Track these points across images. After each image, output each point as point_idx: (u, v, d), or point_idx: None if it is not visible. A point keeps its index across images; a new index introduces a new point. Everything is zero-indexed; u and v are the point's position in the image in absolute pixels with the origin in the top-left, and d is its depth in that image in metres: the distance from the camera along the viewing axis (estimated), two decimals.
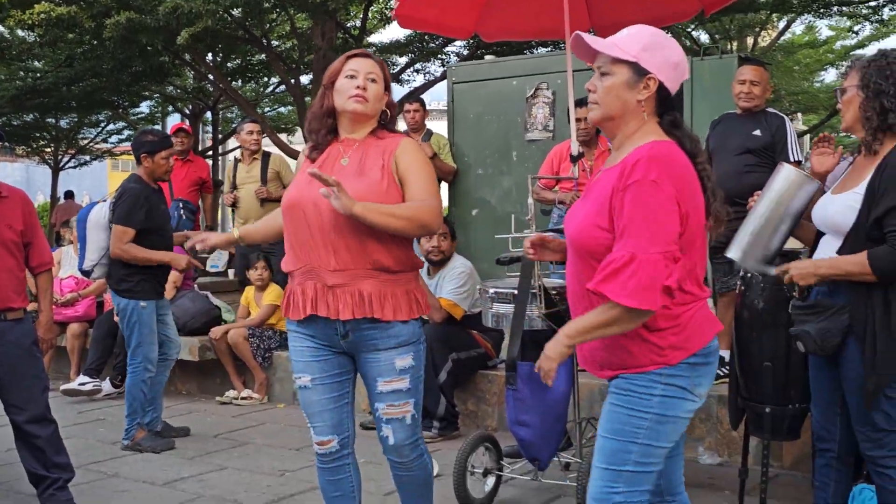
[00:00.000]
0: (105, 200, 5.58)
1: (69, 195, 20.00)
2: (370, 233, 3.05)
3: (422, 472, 3.34)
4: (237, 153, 8.29)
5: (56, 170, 22.97)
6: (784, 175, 3.34)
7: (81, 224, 5.54)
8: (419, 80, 14.33)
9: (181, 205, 7.87)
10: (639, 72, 2.53)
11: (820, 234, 3.34)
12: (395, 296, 3.13)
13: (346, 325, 3.13)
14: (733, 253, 3.39)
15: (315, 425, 3.27)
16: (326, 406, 3.24)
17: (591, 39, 2.60)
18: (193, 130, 20.13)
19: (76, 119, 20.81)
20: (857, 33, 17.43)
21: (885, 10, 13.00)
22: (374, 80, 3.18)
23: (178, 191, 8.15)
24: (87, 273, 5.62)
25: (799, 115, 21.21)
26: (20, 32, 13.77)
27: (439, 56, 13.62)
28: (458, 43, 12.78)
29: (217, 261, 9.82)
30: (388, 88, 3.27)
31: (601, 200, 2.50)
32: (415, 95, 10.30)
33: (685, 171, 2.51)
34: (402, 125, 8.01)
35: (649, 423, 2.52)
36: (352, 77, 3.16)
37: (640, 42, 2.55)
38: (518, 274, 4.30)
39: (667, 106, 2.59)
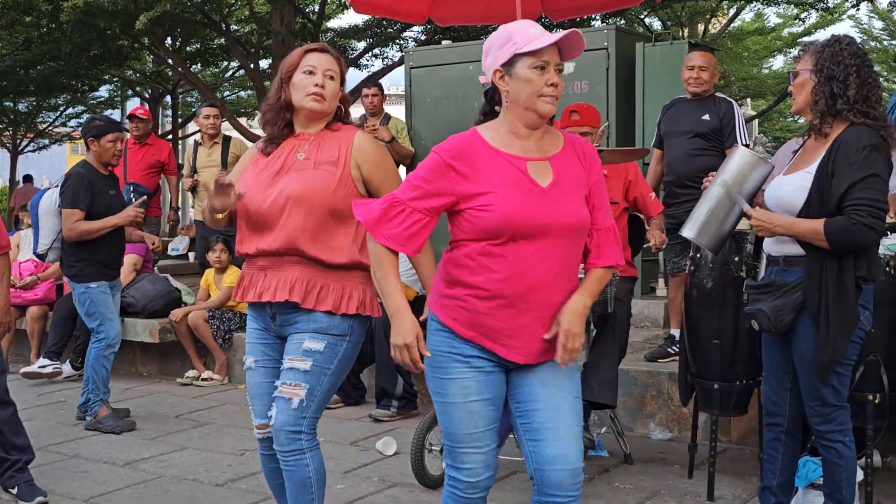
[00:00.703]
0: (56, 186, 5.58)
1: (28, 179, 19.71)
2: (328, 229, 3.05)
3: (299, 469, 3.08)
4: (197, 137, 8.18)
5: (15, 153, 22.60)
6: (739, 157, 3.36)
7: (34, 210, 5.58)
8: (377, 64, 14.26)
9: (131, 188, 7.77)
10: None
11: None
12: (326, 288, 3.07)
13: (273, 307, 3.10)
14: (688, 232, 3.40)
15: (254, 408, 3.21)
16: (266, 389, 3.16)
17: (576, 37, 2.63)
18: (153, 114, 19.85)
19: (35, 103, 20.48)
20: (803, 21, 17.59)
21: None
22: (331, 78, 3.13)
23: (132, 174, 7.98)
24: (41, 256, 5.66)
25: (748, 100, 21.43)
26: None
27: (397, 41, 13.55)
28: (415, 28, 12.72)
29: (178, 244, 9.73)
30: (342, 84, 3.22)
31: (581, 185, 2.64)
32: (373, 80, 10.24)
33: None
34: (360, 109, 7.97)
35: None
36: (310, 73, 3.11)
37: None
38: None
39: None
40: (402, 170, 8.17)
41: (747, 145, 5.57)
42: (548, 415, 2.60)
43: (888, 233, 3.69)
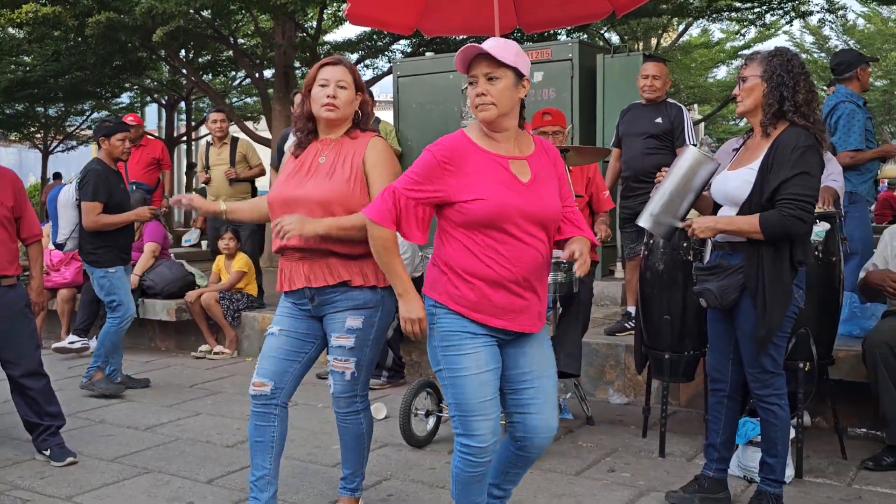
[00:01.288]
0: (71, 182, 5.54)
1: (57, 176, 19.58)
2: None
3: (355, 427, 3.23)
4: (209, 138, 8.15)
5: (46, 154, 22.42)
6: (689, 155, 3.35)
7: (52, 204, 5.55)
8: (368, 74, 14.17)
9: (134, 187, 7.75)
10: (518, 75, 2.66)
11: (718, 207, 3.38)
12: (360, 265, 3.08)
13: (312, 291, 3.10)
14: (644, 221, 3.38)
15: (259, 367, 3.19)
16: (278, 354, 3.17)
17: (495, 49, 2.64)
18: (169, 119, 19.77)
19: (63, 108, 20.29)
20: (744, 35, 17.65)
21: (767, 15, 13.15)
22: (343, 87, 3.10)
23: (134, 173, 8.09)
24: (60, 246, 5.59)
25: (695, 105, 21.45)
26: (10, 30, 13.32)
27: (386, 53, 13.48)
28: (402, 41, 12.66)
29: (191, 236, 9.72)
30: (360, 90, 3.17)
31: (554, 181, 2.75)
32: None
33: None
34: None
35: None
36: (323, 86, 3.09)
37: (512, 50, 2.64)
38: None
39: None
40: None
41: (695, 145, 5.58)
42: (536, 391, 2.72)
43: (817, 221, 3.71)
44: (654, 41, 17.67)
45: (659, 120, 5.53)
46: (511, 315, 2.66)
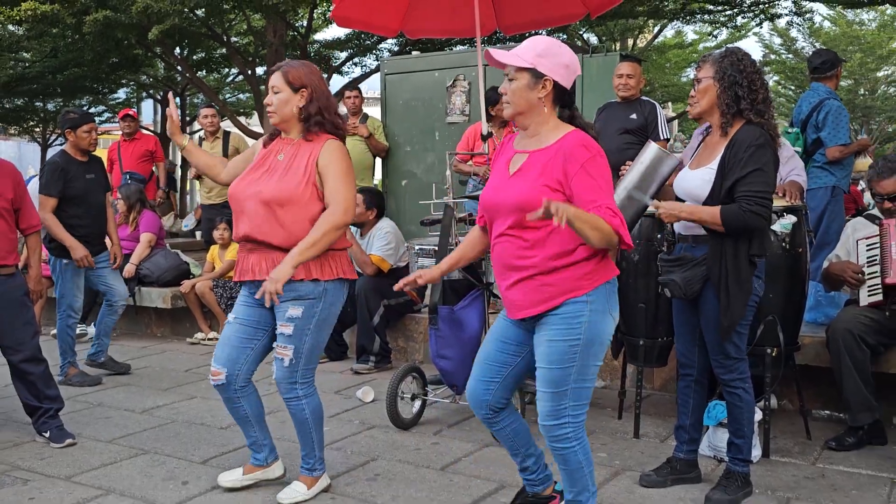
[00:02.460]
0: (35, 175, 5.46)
1: None
2: (283, 218, 3.13)
3: (297, 412, 3.28)
4: (201, 133, 8.12)
5: (45, 147, 22.24)
6: (651, 151, 3.36)
7: None
8: (357, 71, 14.12)
9: (128, 177, 7.74)
10: (535, 75, 2.63)
11: (679, 199, 3.39)
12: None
13: (260, 281, 3.19)
14: None
15: (215, 354, 3.32)
16: (232, 342, 3.29)
17: (497, 54, 2.69)
18: (164, 114, 19.63)
19: (62, 103, 20.08)
20: (716, 37, 17.69)
21: (739, 17, 13.19)
22: (277, 91, 3.22)
23: (128, 165, 8.16)
24: None
25: (669, 103, 21.51)
26: (10, 27, 13.16)
27: (374, 52, 13.43)
28: (389, 41, 12.61)
29: (189, 220, 9.72)
30: (303, 87, 3.20)
31: (549, 171, 2.60)
32: (353, 85, 10.15)
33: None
34: (342, 109, 7.90)
35: (577, 347, 2.62)
36: (266, 95, 3.27)
37: (535, 50, 2.64)
38: (439, 233, 4.30)
39: (565, 99, 2.72)
40: (378, 162, 8.16)
41: (667, 140, 5.60)
42: (539, 379, 2.71)
43: (784, 213, 3.73)
44: (630, 42, 17.70)
45: (634, 116, 5.54)
46: (506, 303, 2.78)
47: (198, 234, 9.67)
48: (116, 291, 5.61)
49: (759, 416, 3.72)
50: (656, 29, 17.37)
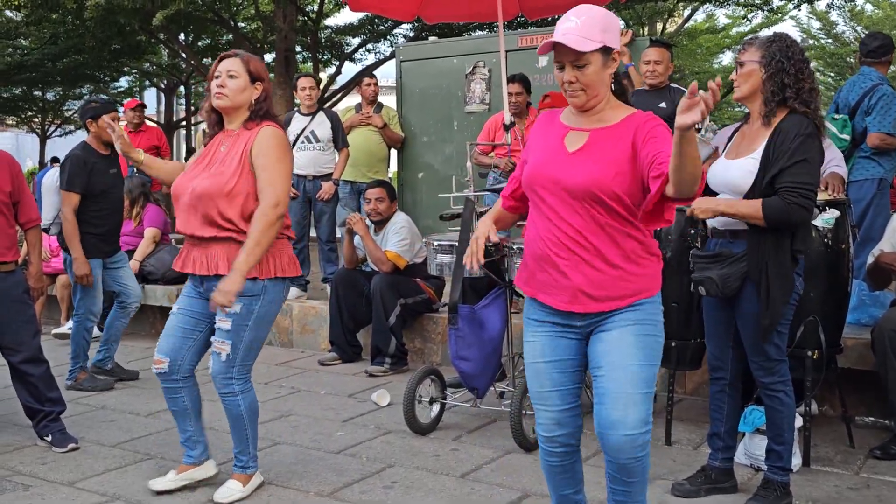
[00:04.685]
0: (57, 164, 5.42)
1: (55, 161, 19.50)
2: (214, 211, 3.23)
3: (232, 407, 3.42)
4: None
5: (43, 138, 22.42)
6: None
7: (38, 187, 5.35)
8: (370, 58, 14.14)
9: (134, 171, 7.73)
10: (606, 52, 2.47)
11: (708, 194, 3.36)
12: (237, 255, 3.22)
13: (202, 277, 3.34)
14: None
15: (159, 344, 3.48)
16: (175, 332, 3.45)
17: (570, 40, 2.45)
18: (168, 104, 19.75)
19: (61, 92, 20.29)
20: (750, 20, 17.58)
21: (775, 0, 13.11)
22: (233, 76, 3.30)
23: None
24: (45, 231, 5.41)
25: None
26: (8, 13, 13.27)
27: (388, 37, 13.45)
28: (405, 25, 12.63)
29: None
30: (259, 80, 3.34)
31: (617, 153, 2.45)
32: (369, 72, 10.16)
33: None
34: (357, 98, 7.90)
35: (658, 344, 2.56)
36: (216, 77, 3.30)
37: (599, 26, 2.46)
38: (458, 228, 4.29)
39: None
40: (393, 153, 8.16)
41: (699, 129, 5.56)
42: (609, 382, 2.46)
43: (826, 208, 3.70)
44: (659, 26, 17.61)
45: (663, 105, 5.51)
46: (547, 289, 2.55)
47: None
48: (132, 291, 5.56)
49: (799, 422, 3.69)
50: (687, 12, 17.29)
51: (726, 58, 22.45)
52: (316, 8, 12.41)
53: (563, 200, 2.50)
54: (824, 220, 3.66)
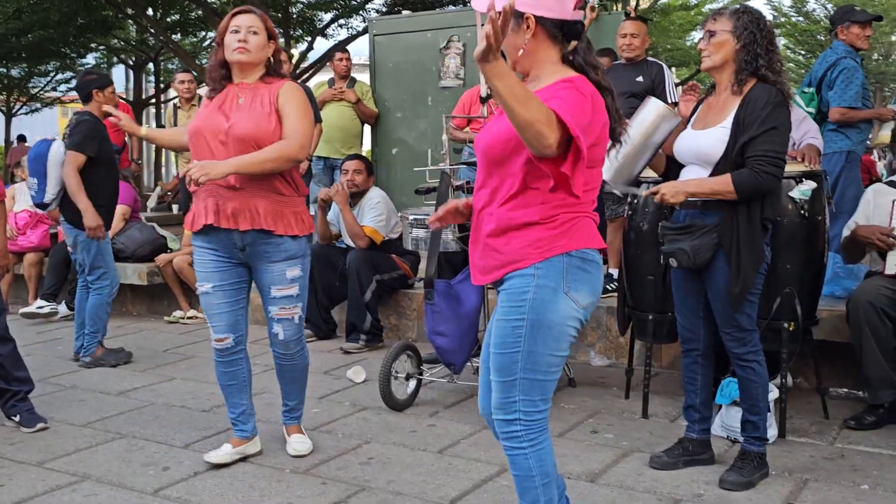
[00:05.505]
0: (56, 139, 5.29)
1: (21, 139, 19.27)
2: None
3: (303, 360, 3.60)
4: (177, 101, 8.00)
5: (9, 116, 22.02)
6: (652, 107, 3.29)
7: (41, 160, 5.11)
8: (343, 34, 13.99)
9: None
10: (516, 16, 2.27)
11: (673, 166, 3.33)
12: (285, 215, 3.31)
13: (244, 238, 3.29)
14: (604, 174, 3.29)
15: (214, 325, 3.46)
16: (224, 309, 3.43)
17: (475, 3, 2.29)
18: (137, 81, 19.45)
19: (27, 69, 19.91)
20: None
21: None
22: (255, 33, 3.30)
23: None
24: (45, 206, 5.25)
25: (672, 69, 21.45)
26: None
27: (360, 12, 13.30)
28: (377, 0, 12.48)
29: (152, 201, 9.64)
30: (273, 38, 3.38)
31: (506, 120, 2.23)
32: (341, 46, 10.02)
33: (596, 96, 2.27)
34: (329, 74, 7.80)
35: (521, 329, 2.27)
36: (235, 32, 3.27)
37: None
38: (434, 203, 4.25)
39: (567, 32, 2.31)
40: (366, 129, 8.08)
41: (676, 104, 5.54)
42: (487, 366, 2.43)
43: (803, 179, 3.69)
44: (633, 2, 17.56)
45: (640, 79, 5.47)
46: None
47: (175, 207, 9.59)
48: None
49: (775, 394, 3.70)
50: None
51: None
52: None
53: (480, 167, 2.39)
54: (801, 191, 3.65)
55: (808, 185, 3.66)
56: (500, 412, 2.35)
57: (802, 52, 23.77)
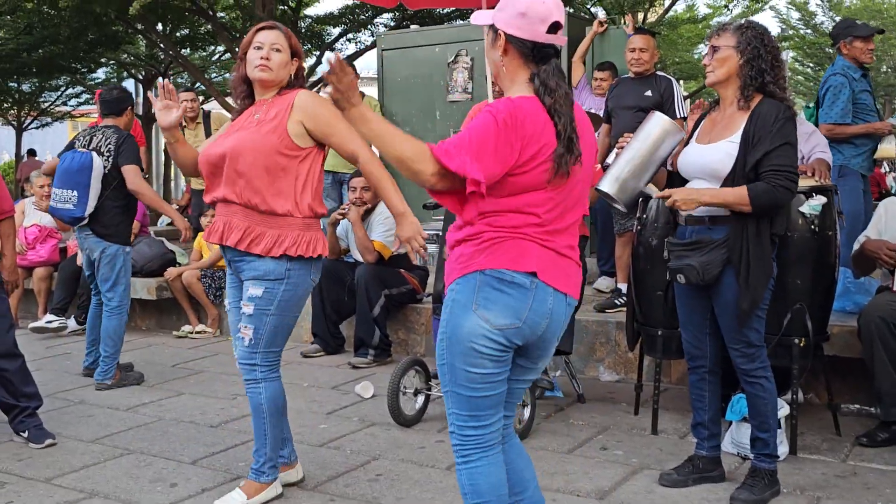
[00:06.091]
0: (85, 151, 5.04)
1: (32, 153, 19.41)
2: (262, 180, 3.10)
3: (254, 396, 3.21)
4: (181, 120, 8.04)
5: (19, 130, 22.11)
6: (657, 122, 3.27)
7: (86, 172, 4.97)
8: (351, 48, 14.02)
9: None
10: (494, 30, 2.33)
11: (675, 181, 3.31)
12: (262, 234, 3.12)
13: (229, 253, 3.21)
14: (607, 186, 3.24)
15: (235, 343, 3.31)
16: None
17: (475, 17, 2.41)
18: (146, 95, 19.53)
19: (37, 83, 20.01)
20: (731, 10, 17.62)
21: None
22: (278, 50, 3.17)
23: None
24: (80, 219, 5.07)
25: (681, 81, 21.45)
26: None
27: (369, 27, 13.35)
28: (386, 15, 12.54)
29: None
30: (296, 56, 3.25)
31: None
32: (348, 62, 10.06)
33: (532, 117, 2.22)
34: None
35: (443, 342, 2.30)
36: (258, 48, 3.16)
37: (504, 2, 2.33)
38: (442, 217, 4.24)
39: (539, 54, 2.29)
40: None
41: (685, 118, 5.54)
42: None
43: (813, 194, 3.68)
44: (640, 15, 17.58)
45: (649, 93, 5.48)
46: None
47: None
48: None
49: (786, 410, 3.68)
50: (667, 2, 17.27)
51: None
52: None
53: None
54: (811, 206, 3.64)
55: (819, 200, 3.64)
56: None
57: (811, 65, 23.74)
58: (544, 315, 2.28)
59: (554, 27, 2.29)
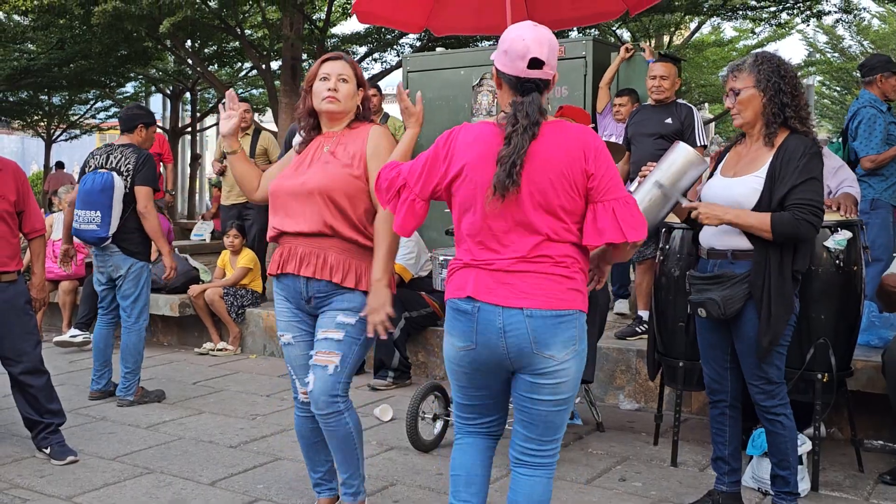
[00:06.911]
0: (105, 171, 5.08)
1: (60, 165, 19.62)
2: (340, 211, 3.03)
3: (340, 428, 3.08)
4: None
5: (49, 142, 22.46)
6: (681, 152, 3.25)
7: (108, 193, 5.03)
8: (377, 68, 14.13)
9: None
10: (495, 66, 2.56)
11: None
12: (358, 268, 3.06)
13: (309, 289, 3.07)
14: None
15: (298, 377, 3.19)
16: (305, 361, 3.16)
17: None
18: (174, 109, 19.78)
19: (67, 97, 20.37)
20: (757, 34, 17.56)
21: (783, 14, 13.07)
22: (345, 80, 3.10)
23: None
24: (105, 239, 5.11)
25: (706, 104, 21.37)
26: (15, 17, 13.30)
27: (395, 47, 13.45)
28: (412, 36, 12.62)
29: (202, 230, 9.68)
30: (362, 86, 3.18)
31: None
32: (373, 82, 10.13)
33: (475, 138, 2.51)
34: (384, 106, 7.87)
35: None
36: (325, 79, 3.10)
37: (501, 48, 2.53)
38: None
39: (520, 87, 2.47)
40: None
41: (704, 146, 5.53)
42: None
43: (838, 229, 3.65)
44: (666, 39, 17.58)
45: (669, 120, 5.48)
46: None
47: (208, 236, 9.68)
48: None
49: (808, 446, 3.64)
50: (693, 25, 17.26)
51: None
52: (323, 16, 12.40)
53: None
54: (836, 241, 3.62)
55: (843, 235, 3.62)
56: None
57: (837, 89, 23.59)
58: (496, 333, 2.43)
59: (534, 63, 2.44)
